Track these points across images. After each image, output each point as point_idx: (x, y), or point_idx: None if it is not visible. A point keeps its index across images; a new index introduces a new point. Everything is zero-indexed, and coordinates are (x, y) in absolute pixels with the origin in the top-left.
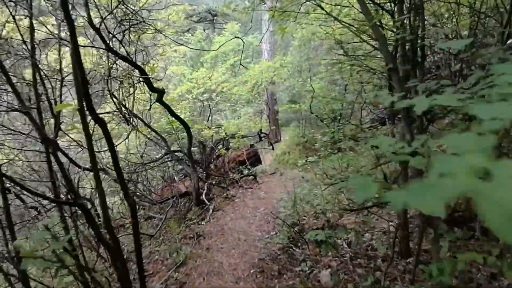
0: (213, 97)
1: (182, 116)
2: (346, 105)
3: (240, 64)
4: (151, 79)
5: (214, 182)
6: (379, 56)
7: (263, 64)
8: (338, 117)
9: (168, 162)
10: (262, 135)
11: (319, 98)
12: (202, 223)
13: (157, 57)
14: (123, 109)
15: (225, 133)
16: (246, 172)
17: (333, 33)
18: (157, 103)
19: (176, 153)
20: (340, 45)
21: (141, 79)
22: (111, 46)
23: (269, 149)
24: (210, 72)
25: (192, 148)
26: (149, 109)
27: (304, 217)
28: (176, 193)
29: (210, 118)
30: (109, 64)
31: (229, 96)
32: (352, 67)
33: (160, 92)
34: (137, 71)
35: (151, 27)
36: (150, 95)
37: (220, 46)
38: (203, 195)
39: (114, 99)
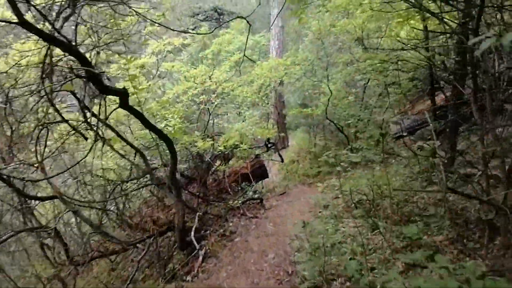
0: (212, 99)
1: (172, 123)
2: (364, 110)
3: (244, 56)
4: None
5: (209, 209)
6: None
7: (272, 61)
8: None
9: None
10: (269, 145)
11: (334, 102)
12: (187, 278)
13: (147, 50)
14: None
15: (224, 146)
16: (250, 193)
17: (356, 25)
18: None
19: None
20: (362, 40)
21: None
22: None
23: (277, 161)
24: (211, 70)
25: (181, 165)
26: (106, 118)
27: (333, 279)
28: (156, 231)
29: (208, 125)
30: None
31: (232, 97)
32: (377, 65)
33: (122, 94)
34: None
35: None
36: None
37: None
38: (192, 233)
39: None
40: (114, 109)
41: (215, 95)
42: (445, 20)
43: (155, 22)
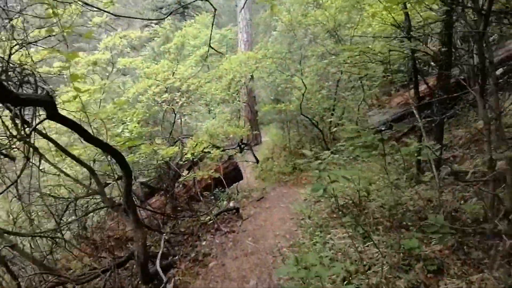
0: (176, 97)
1: (130, 128)
2: (339, 104)
3: (210, 47)
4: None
5: (177, 225)
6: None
7: (242, 55)
8: (330, 119)
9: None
10: (243, 145)
11: (308, 96)
12: None
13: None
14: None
15: (192, 154)
16: (224, 203)
17: (328, 16)
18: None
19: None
20: (335, 31)
21: None
22: None
23: (251, 161)
24: (174, 65)
25: (145, 173)
26: (29, 134)
27: None
28: (113, 264)
29: (174, 126)
30: None
31: (200, 95)
32: (355, 57)
33: (45, 104)
34: None
35: None
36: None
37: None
38: (157, 261)
39: None
40: (40, 122)
41: (179, 93)
42: (427, 6)
43: (103, 10)
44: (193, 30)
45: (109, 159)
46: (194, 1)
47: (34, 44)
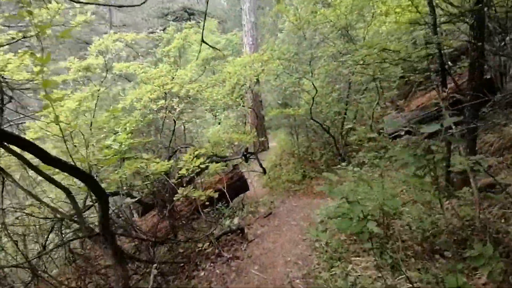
0: (174, 104)
1: (119, 139)
2: (351, 107)
3: (202, 41)
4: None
5: (172, 251)
6: None
7: (247, 57)
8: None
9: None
10: (248, 155)
11: (317, 100)
12: None
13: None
14: None
15: (187, 170)
16: (227, 222)
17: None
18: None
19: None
20: (346, 30)
21: None
22: None
23: (258, 171)
24: (174, 69)
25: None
26: None
27: None
28: None
29: (174, 135)
30: None
31: (201, 101)
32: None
33: None
34: None
35: None
36: None
37: None
38: None
39: None
40: None
41: (177, 99)
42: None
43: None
44: (193, 31)
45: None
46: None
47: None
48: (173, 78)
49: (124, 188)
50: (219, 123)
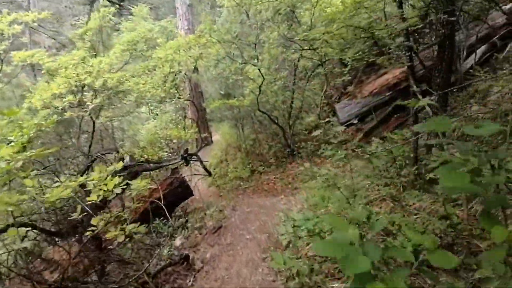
0: (87, 99)
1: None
2: (297, 96)
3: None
4: None
5: None
6: None
7: (181, 40)
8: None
9: None
10: (189, 157)
11: (262, 89)
12: None
13: None
14: None
15: (98, 196)
16: (165, 251)
17: None
18: None
19: None
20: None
21: None
22: None
23: (202, 175)
24: (90, 55)
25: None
26: None
27: None
28: None
29: (93, 139)
30: None
31: (122, 95)
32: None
33: None
34: None
35: None
36: None
37: None
38: None
39: None
40: None
41: (90, 93)
42: None
43: None
44: (130, 24)
45: None
46: None
47: None
48: (89, 67)
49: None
50: (155, 119)
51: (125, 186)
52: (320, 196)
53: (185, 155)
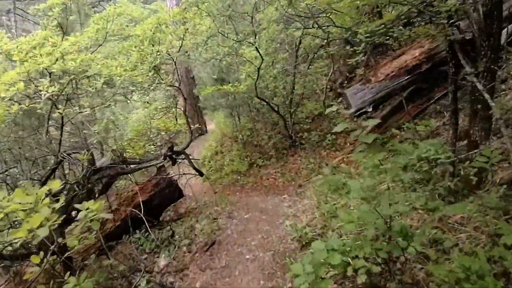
0: (44, 88)
1: None
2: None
3: None
4: None
5: None
6: None
7: (164, 14)
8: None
9: None
10: (175, 155)
11: (260, 73)
12: None
13: None
14: None
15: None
16: (143, 284)
17: None
18: None
19: None
20: None
21: None
22: None
23: (193, 174)
24: (56, 34)
25: None
26: None
27: None
28: None
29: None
30: None
31: (93, 83)
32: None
33: None
34: None
35: None
36: None
37: None
38: None
39: None
40: None
41: (48, 79)
42: None
43: None
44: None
45: None
46: None
47: None
48: (50, 47)
49: None
50: (147, 108)
51: (62, 222)
52: (333, 203)
53: (169, 153)
